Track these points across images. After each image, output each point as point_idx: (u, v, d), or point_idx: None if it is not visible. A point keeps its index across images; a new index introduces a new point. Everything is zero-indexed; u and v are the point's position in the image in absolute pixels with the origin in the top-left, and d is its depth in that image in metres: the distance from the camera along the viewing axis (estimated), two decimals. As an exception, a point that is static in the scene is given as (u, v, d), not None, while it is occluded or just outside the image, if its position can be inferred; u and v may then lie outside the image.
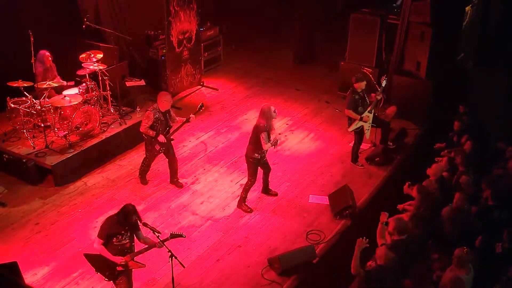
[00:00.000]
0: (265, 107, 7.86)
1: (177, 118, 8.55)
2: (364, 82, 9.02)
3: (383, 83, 9.23)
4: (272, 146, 7.88)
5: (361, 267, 6.11)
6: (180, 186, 8.88)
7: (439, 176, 7.84)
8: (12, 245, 7.59)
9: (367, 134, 9.29)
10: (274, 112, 7.89)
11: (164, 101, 8.24)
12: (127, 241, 6.14)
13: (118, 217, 6.04)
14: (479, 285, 6.18)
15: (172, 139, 8.55)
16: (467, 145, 8.45)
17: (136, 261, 6.19)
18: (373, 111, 9.13)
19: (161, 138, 8.28)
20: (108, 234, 6.02)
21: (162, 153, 8.60)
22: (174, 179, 8.90)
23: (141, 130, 8.34)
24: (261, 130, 7.78)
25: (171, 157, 8.72)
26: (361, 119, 9.05)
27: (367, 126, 9.15)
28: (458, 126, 9.32)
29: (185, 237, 6.22)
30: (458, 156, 8.08)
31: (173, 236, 6.11)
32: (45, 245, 7.62)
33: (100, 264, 6.16)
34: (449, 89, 11.10)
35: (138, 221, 6.15)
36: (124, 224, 6.05)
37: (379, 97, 9.21)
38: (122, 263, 6.06)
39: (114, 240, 6.04)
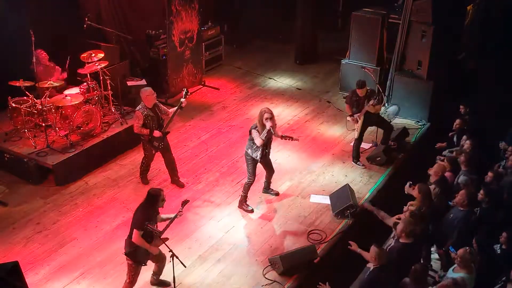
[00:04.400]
0: (261, 109, 7.84)
1: (169, 110, 8.51)
2: (365, 89, 9.06)
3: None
4: (262, 139, 7.70)
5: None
6: (181, 185, 8.88)
7: (441, 176, 7.83)
8: (13, 245, 7.59)
9: (356, 134, 9.34)
10: (266, 113, 7.68)
11: (147, 96, 8.16)
12: (156, 224, 6.37)
13: (150, 204, 6.29)
14: (479, 285, 6.18)
15: (168, 132, 8.52)
16: (467, 145, 8.44)
17: (162, 239, 6.34)
18: (361, 116, 9.19)
19: (156, 133, 8.26)
20: (145, 223, 6.18)
21: (160, 152, 8.58)
22: (175, 178, 8.89)
23: (134, 132, 8.34)
24: (251, 129, 7.84)
25: (168, 155, 8.69)
26: (350, 116, 9.25)
27: (356, 125, 9.29)
28: (457, 126, 9.31)
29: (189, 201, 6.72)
30: (460, 156, 8.07)
31: (184, 203, 6.52)
32: (46, 244, 7.62)
33: (140, 257, 6.37)
34: (450, 88, 11.09)
35: None
36: (155, 210, 6.35)
37: (371, 109, 9.21)
38: (156, 251, 6.40)
39: (148, 227, 6.21)
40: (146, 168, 8.89)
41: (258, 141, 7.74)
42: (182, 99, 8.28)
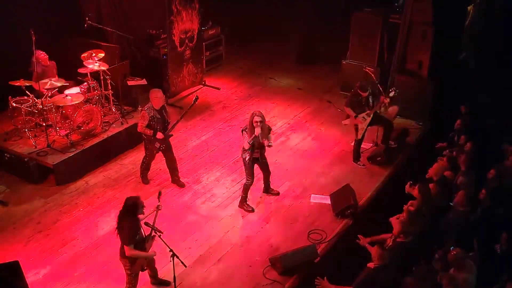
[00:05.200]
0: (253, 111, 7.79)
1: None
2: (368, 92, 9.07)
3: (391, 94, 9.20)
4: (249, 143, 7.74)
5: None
6: (181, 185, 8.88)
7: (441, 176, 7.83)
8: (14, 245, 7.59)
9: (360, 134, 9.32)
10: (256, 116, 7.63)
11: (156, 98, 8.16)
12: (141, 227, 6.30)
13: (131, 214, 6.12)
14: (480, 285, 6.18)
15: (171, 135, 8.53)
16: (467, 145, 8.43)
17: (151, 238, 6.33)
18: (371, 114, 9.15)
19: (159, 135, 8.26)
20: (134, 235, 6.12)
21: (161, 152, 8.58)
22: (175, 178, 8.90)
23: (138, 131, 8.34)
24: (242, 130, 7.85)
25: (170, 156, 8.70)
26: (355, 117, 9.18)
27: (360, 126, 9.25)
28: (459, 126, 9.31)
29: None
30: (460, 155, 8.06)
31: (159, 195, 6.63)
32: (46, 244, 7.62)
33: (139, 265, 6.33)
34: (451, 88, 11.08)
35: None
36: (138, 221, 6.21)
37: (382, 109, 9.26)
38: (154, 254, 6.38)
39: (149, 225, 6.19)
40: (147, 167, 8.89)
41: (245, 144, 7.77)
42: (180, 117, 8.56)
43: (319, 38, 14.06)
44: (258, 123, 7.59)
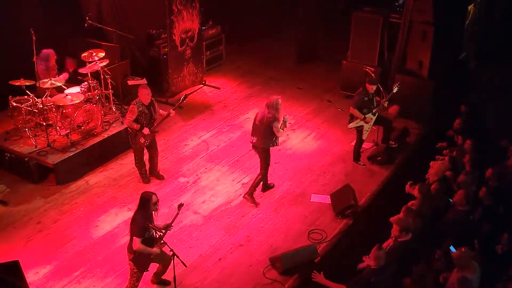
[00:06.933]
0: (272, 100, 8.09)
1: (160, 110, 8.66)
2: (376, 86, 9.06)
3: (395, 90, 9.23)
4: (283, 129, 8.11)
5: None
6: (161, 178, 8.98)
7: (441, 176, 7.83)
8: (14, 244, 7.59)
9: (365, 135, 9.30)
10: (279, 99, 8.18)
11: (145, 94, 8.30)
12: (152, 231, 6.36)
13: (143, 209, 6.27)
14: (481, 285, 6.18)
15: (157, 131, 8.60)
16: (466, 144, 8.43)
17: (161, 243, 6.35)
18: (376, 113, 9.15)
19: (145, 131, 8.35)
20: (145, 228, 6.22)
21: (145, 148, 8.67)
22: (154, 172, 8.99)
23: (125, 124, 8.44)
24: (273, 121, 7.99)
25: (153, 151, 8.84)
26: (363, 119, 9.06)
27: (367, 127, 9.18)
28: (458, 125, 9.31)
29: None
30: (464, 155, 8.05)
31: (179, 207, 6.43)
32: (46, 244, 7.62)
33: (143, 262, 6.37)
34: (451, 88, 11.08)
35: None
36: (150, 215, 6.30)
37: (385, 105, 9.27)
38: (158, 252, 6.35)
39: (150, 226, 6.26)
40: (140, 164, 8.85)
41: (281, 133, 8.10)
42: (172, 110, 8.58)
43: (319, 38, 14.07)
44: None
